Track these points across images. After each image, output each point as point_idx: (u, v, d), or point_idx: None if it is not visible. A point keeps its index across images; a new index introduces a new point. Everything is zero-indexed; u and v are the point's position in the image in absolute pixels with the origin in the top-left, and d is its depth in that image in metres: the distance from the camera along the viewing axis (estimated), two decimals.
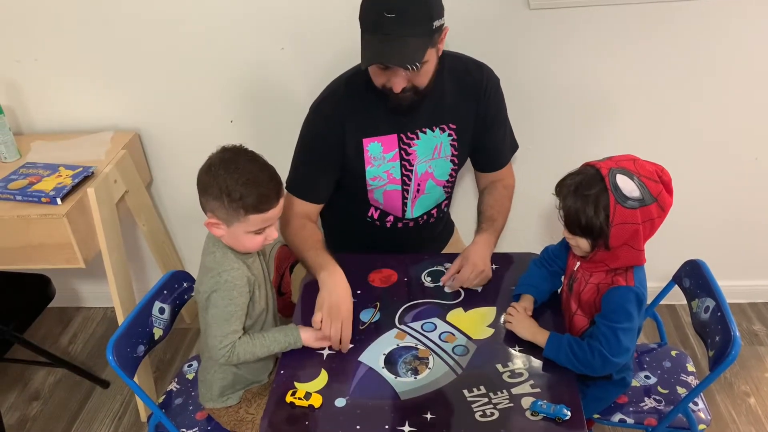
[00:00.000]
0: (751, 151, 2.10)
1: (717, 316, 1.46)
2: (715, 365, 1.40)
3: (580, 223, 1.33)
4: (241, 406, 1.57)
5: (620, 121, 2.05)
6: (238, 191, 1.33)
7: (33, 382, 2.33)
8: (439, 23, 1.44)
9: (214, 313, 1.41)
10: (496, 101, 1.70)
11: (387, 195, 1.72)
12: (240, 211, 1.34)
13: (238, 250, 1.44)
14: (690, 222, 2.22)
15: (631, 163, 1.33)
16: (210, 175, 1.36)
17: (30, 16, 1.98)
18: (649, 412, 1.56)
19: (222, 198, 1.34)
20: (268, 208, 1.36)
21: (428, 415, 1.30)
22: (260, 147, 2.14)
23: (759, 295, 2.45)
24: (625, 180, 1.29)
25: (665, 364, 1.69)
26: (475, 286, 1.61)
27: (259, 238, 1.40)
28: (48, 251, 1.82)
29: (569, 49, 1.93)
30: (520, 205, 2.03)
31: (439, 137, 1.67)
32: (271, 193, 1.37)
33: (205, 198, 1.38)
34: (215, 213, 1.37)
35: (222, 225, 1.38)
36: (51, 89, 2.11)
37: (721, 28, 1.87)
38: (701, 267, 1.58)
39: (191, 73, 2.05)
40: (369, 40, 1.45)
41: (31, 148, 2.05)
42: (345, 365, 1.43)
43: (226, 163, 1.36)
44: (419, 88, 1.52)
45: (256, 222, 1.37)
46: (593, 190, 1.30)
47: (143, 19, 1.95)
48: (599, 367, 1.36)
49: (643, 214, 1.30)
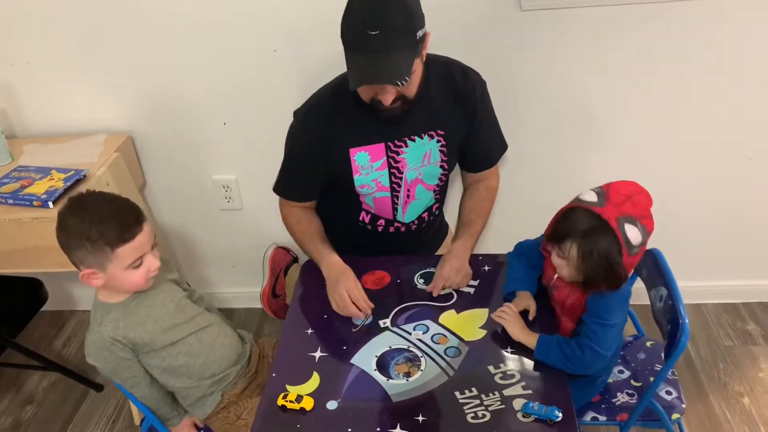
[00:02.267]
0: (745, 151, 2.10)
1: (668, 305, 1.45)
2: (668, 354, 1.41)
3: (595, 281, 1.33)
4: (230, 410, 1.57)
5: (612, 123, 2.05)
6: (96, 230, 1.31)
7: (26, 386, 2.33)
8: (421, 33, 1.43)
9: (100, 371, 1.49)
10: (483, 104, 1.69)
11: (377, 201, 1.72)
12: (106, 249, 1.32)
13: (124, 291, 1.43)
14: (684, 222, 2.22)
15: (630, 205, 1.31)
16: (64, 230, 1.34)
17: (23, 19, 1.97)
18: (621, 407, 1.56)
19: (84, 244, 1.32)
20: (132, 235, 1.34)
21: (420, 417, 1.30)
22: (253, 149, 2.17)
23: (753, 295, 2.45)
24: (633, 231, 1.29)
25: (639, 356, 1.69)
26: (458, 284, 1.62)
27: (141, 272, 1.39)
28: (40, 255, 1.82)
29: (561, 50, 1.93)
30: (509, 205, 2.03)
31: (428, 144, 1.66)
32: (129, 219, 1.35)
33: (71, 253, 1.36)
34: (84, 262, 1.35)
35: (98, 273, 1.36)
36: (43, 92, 2.11)
37: (712, 29, 1.87)
38: (656, 256, 1.56)
39: (184, 75, 2.04)
40: (355, 60, 1.43)
41: (24, 151, 2.05)
42: (337, 368, 1.43)
43: (74, 210, 1.34)
44: (408, 98, 1.52)
45: (127, 254, 1.34)
46: (602, 246, 1.29)
47: (136, 22, 1.95)
48: (590, 362, 1.37)
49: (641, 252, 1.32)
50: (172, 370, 1.52)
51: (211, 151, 2.19)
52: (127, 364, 1.47)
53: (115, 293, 1.45)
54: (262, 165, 2.18)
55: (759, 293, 2.45)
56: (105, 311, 1.44)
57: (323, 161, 1.65)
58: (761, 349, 2.26)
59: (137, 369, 1.49)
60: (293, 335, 1.54)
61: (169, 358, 1.50)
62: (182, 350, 1.51)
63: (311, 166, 1.68)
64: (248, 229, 2.37)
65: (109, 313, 1.44)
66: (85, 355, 1.46)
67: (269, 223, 2.33)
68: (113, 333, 1.42)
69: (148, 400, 1.53)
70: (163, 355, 1.49)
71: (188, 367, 1.53)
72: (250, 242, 2.39)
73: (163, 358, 1.50)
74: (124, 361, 1.46)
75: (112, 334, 1.42)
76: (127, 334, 1.43)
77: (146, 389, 1.51)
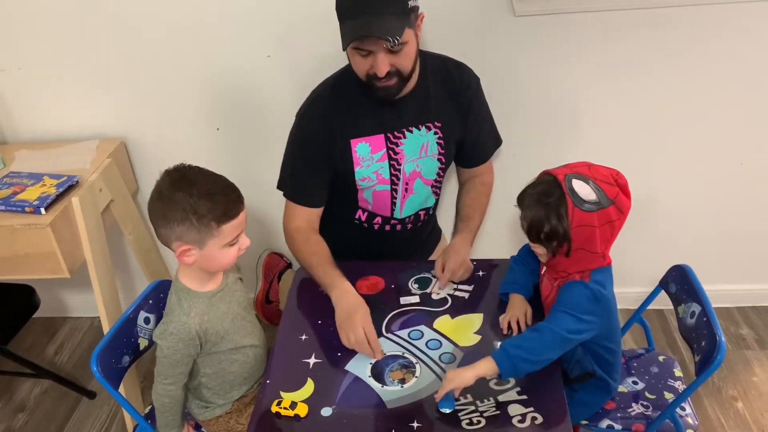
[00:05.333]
0: (736, 156, 2.11)
1: (703, 321, 1.46)
2: (701, 370, 1.41)
3: (544, 231, 1.34)
4: (232, 416, 1.56)
5: (604, 128, 2.06)
6: (204, 205, 1.28)
7: (18, 394, 2.31)
8: (413, 3, 1.46)
9: (160, 354, 1.41)
10: (478, 98, 1.74)
11: (376, 195, 1.72)
12: (212, 225, 1.30)
13: (212, 271, 1.41)
14: (676, 227, 2.23)
15: (586, 168, 1.35)
16: (165, 201, 1.30)
17: (14, 25, 1.97)
18: (636, 417, 1.57)
19: (189, 218, 1.28)
20: (238, 212, 1.34)
21: (415, 423, 1.29)
22: (247, 154, 2.16)
23: (746, 299, 2.46)
24: (581, 184, 1.31)
25: (653, 370, 1.69)
26: (460, 277, 1.64)
27: (233, 251, 1.37)
28: (33, 261, 1.81)
29: (553, 55, 1.94)
30: (499, 209, 2.03)
31: (425, 135, 1.68)
32: (234, 196, 1.34)
33: (167, 227, 1.31)
34: (183, 238, 1.31)
35: (193, 249, 1.33)
36: (36, 98, 2.10)
37: (704, 35, 1.88)
38: (687, 272, 1.59)
39: (177, 81, 2.04)
40: (347, 25, 1.46)
41: (15, 157, 2.04)
42: (331, 374, 1.42)
43: (178, 183, 1.30)
44: (403, 74, 1.53)
45: (229, 231, 1.33)
46: (552, 197, 1.32)
47: (129, 28, 1.95)
48: (551, 341, 1.33)
49: (601, 217, 1.31)
50: (219, 376, 1.49)
51: (204, 156, 2.17)
52: (189, 361, 1.43)
53: (201, 279, 1.41)
54: (256, 171, 2.18)
55: (753, 298, 2.46)
56: (193, 299, 1.40)
57: (327, 156, 1.65)
58: (755, 354, 2.27)
59: (190, 367, 1.45)
60: (287, 341, 1.53)
61: (226, 362, 1.48)
62: (239, 359, 1.50)
63: (319, 163, 1.67)
64: None
65: (196, 302, 1.40)
66: (156, 334, 1.40)
67: (262, 229, 2.33)
68: (199, 326, 1.39)
69: (173, 401, 1.46)
70: (222, 358, 1.47)
71: (234, 376, 1.51)
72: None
73: (220, 361, 1.47)
74: (190, 357, 1.42)
75: (198, 327, 1.39)
76: (210, 327, 1.40)
77: (180, 389, 1.46)
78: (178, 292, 1.42)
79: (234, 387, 1.54)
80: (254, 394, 1.58)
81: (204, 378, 1.50)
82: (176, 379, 1.44)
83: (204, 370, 1.49)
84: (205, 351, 1.44)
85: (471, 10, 1.87)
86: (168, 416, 1.49)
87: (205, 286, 1.43)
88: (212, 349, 1.45)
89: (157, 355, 1.43)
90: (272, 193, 1.77)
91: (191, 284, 1.41)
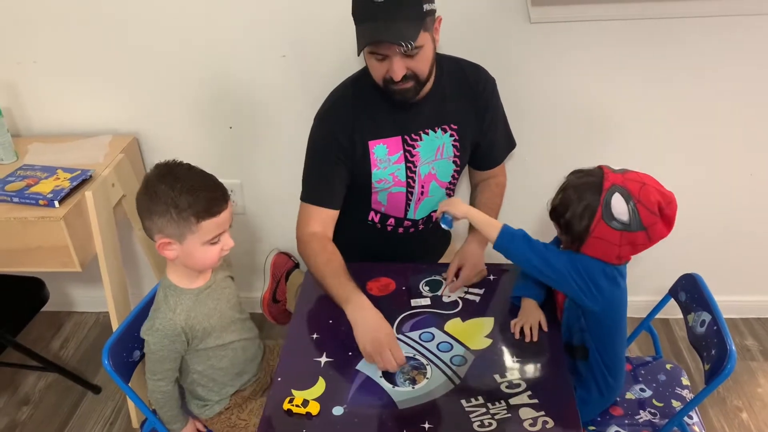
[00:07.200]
0: (746, 167, 2.12)
1: (713, 330, 1.47)
2: (710, 379, 1.41)
3: (564, 218, 1.36)
4: (233, 412, 1.57)
5: (617, 136, 2.07)
6: (185, 200, 1.30)
7: (23, 387, 2.31)
8: (429, 7, 1.47)
9: (147, 351, 1.44)
10: (494, 99, 1.74)
11: (391, 197, 1.73)
12: (191, 220, 1.31)
13: (196, 269, 1.43)
14: (685, 237, 2.23)
15: (639, 185, 1.33)
16: (150, 194, 1.33)
17: (31, 19, 1.97)
18: (644, 425, 1.57)
19: (169, 211, 1.30)
20: (219, 210, 1.35)
21: (426, 424, 1.29)
22: (258, 153, 2.17)
23: (751, 311, 2.47)
24: (620, 201, 1.31)
25: (660, 378, 1.70)
26: (472, 282, 1.66)
27: (215, 249, 1.38)
28: (44, 254, 1.81)
29: (568, 62, 1.94)
30: (509, 216, 2.03)
31: (441, 138, 1.69)
32: (218, 194, 1.35)
33: (150, 219, 1.34)
34: (164, 231, 1.34)
35: (174, 243, 1.35)
36: (50, 92, 2.11)
37: (719, 45, 1.89)
38: (697, 281, 1.60)
39: (191, 78, 2.05)
40: (362, 29, 1.47)
41: (29, 150, 2.04)
42: (342, 373, 1.42)
43: (164, 177, 1.33)
44: (420, 78, 1.53)
45: (209, 229, 1.34)
46: (586, 199, 1.33)
47: (144, 23, 1.95)
48: (555, 262, 1.39)
49: (624, 238, 1.33)
50: (209, 372, 1.51)
51: (217, 154, 2.19)
52: (176, 357, 1.45)
53: (188, 276, 1.43)
54: (267, 170, 2.19)
55: (757, 309, 2.47)
56: (179, 296, 1.42)
57: (347, 157, 1.66)
58: (759, 365, 2.27)
59: (179, 363, 1.48)
60: (299, 340, 1.54)
61: (215, 358, 1.49)
62: (228, 354, 1.51)
63: (339, 162, 1.66)
64: (249, 233, 2.37)
65: (182, 298, 1.42)
66: (143, 330, 1.43)
67: (271, 229, 2.33)
68: (185, 322, 1.41)
69: (165, 397, 1.49)
70: (210, 354, 1.48)
71: (225, 372, 1.53)
72: (251, 247, 2.39)
73: (209, 357, 1.49)
74: (177, 353, 1.44)
75: (184, 323, 1.41)
76: (196, 324, 1.42)
77: (171, 385, 1.49)
78: (165, 288, 1.44)
79: (227, 382, 1.56)
80: (253, 389, 1.60)
81: (195, 375, 1.52)
82: (165, 375, 1.46)
83: (194, 367, 1.51)
84: (192, 347, 1.46)
85: (487, 15, 1.88)
86: (166, 411, 1.51)
87: (192, 283, 1.45)
88: (199, 346, 1.47)
89: (145, 352, 1.45)
90: (281, 193, 1.77)
91: (179, 281, 1.44)
